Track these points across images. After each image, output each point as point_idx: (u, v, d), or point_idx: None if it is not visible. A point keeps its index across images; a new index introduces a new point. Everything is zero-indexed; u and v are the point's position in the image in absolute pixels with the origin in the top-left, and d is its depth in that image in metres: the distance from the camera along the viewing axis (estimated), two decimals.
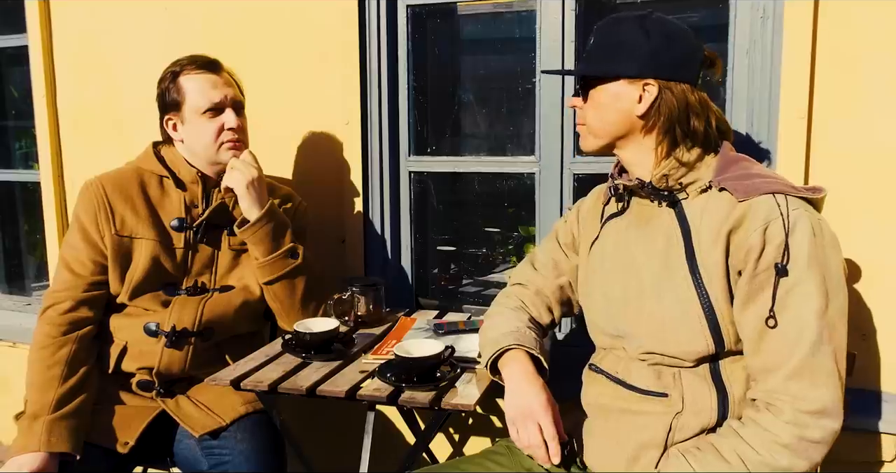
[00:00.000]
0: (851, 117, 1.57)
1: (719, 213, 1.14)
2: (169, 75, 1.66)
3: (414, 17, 2.04)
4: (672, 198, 1.20)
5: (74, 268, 1.61)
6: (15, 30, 2.61)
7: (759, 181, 1.13)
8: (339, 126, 2.06)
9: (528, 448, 1.21)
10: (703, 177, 1.19)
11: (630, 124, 1.22)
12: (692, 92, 1.19)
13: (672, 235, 1.19)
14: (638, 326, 1.20)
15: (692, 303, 1.14)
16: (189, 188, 1.69)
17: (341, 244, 2.11)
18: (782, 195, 1.10)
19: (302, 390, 1.40)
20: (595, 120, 1.25)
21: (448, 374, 1.42)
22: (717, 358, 1.16)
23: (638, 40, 1.19)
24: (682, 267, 1.16)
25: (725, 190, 1.15)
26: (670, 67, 1.19)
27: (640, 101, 1.19)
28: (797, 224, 1.07)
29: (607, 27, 1.25)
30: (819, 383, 1.04)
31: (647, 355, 1.19)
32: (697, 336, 1.13)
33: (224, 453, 1.53)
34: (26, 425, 1.48)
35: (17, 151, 2.93)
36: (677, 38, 1.20)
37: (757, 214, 1.09)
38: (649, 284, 1.20)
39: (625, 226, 1.29)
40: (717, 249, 1.12)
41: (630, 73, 1.19)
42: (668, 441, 1.17)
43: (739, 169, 1.17)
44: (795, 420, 1.03)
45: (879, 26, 1.52)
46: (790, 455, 1.03)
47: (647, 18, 1.21)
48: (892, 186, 1.55)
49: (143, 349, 1.63)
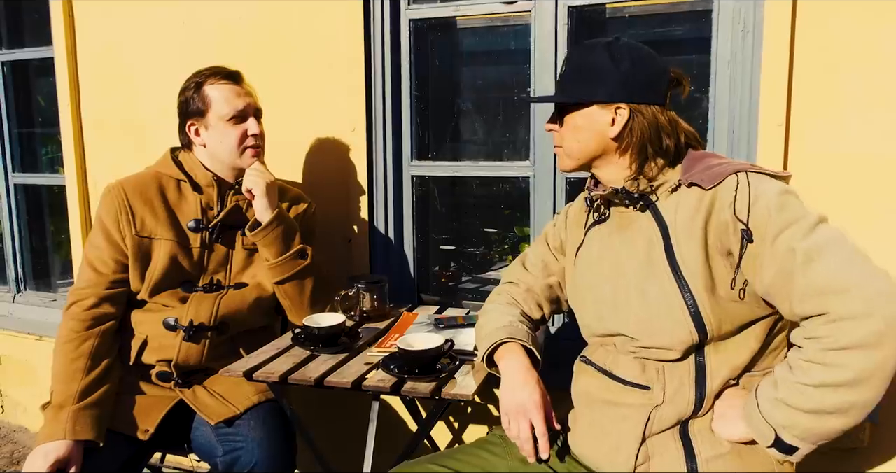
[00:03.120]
0: (827, 124, 1.57)
1: (691, 207, 1.14)
2: (193, 85, 1.66)
3: (416, 30, 2.04)
4: (645, 200, 1.20)
5: (97, 267, 1.62)
6: (42, 43, 2.62)
7: (724, 167, 1.14)
8: (345, 132, 2.06)
9: (518, 441, 1.21)
10: (671, 179, 1.20)
11: (604, 145, 1.22)
12: (662, 112, 1.19)
13: (652, 236, 1.19)
14: (627, 323, 1.20)
15: (675, 296, 1.13)
16: (205, 191, 1.70)
17: (348, 243, 2.11)
18: (744, 172, 1.11)
19: (311, 381, 1.40)
20: (571, 142, 1.24)
21: (448, 366, 1.42)
22: (702, 346, 1.15)
23: (607, 66, 1.18)
24: (664, 264, 1.15)
25: (695, 184, 1.15)
26: (639, 91, 1.18)
27: (613, 124, 1.19)
28: (760, 186, 1.08)
29: (578, 55, 1.25)
30: (869, 272, 0.99)
31: (636, 348, 1.19)
32: (681, 325, 1.13)
33: (238, 439, 1.53)
34: (52, 414, 1.48)
35: (44, 156, 2.93)
36: (644, 62, 1.20)
37: (724, 194, 1.10)
38: (634, 283, 1.20)
39: (608, 232, 1.29)
40: (693, 242, 1.12)
41: (601, 98, 1.19)
42: (647, 431, 1.17)
43: (704, 164, 1.17)
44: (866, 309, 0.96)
45: (853, 40, 1.52)
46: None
47: (614, 45, 1.20)
48: (865, 189, 1.55)
49: (162, 342, 1.63)
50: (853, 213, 1.56)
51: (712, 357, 1.15)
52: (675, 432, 1.17)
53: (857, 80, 1.53)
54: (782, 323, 1.18)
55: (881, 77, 1.51)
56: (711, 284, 1.11)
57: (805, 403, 1.01)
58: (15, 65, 2.81)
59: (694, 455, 1.14)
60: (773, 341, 1.18)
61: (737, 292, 1.11)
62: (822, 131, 1.57)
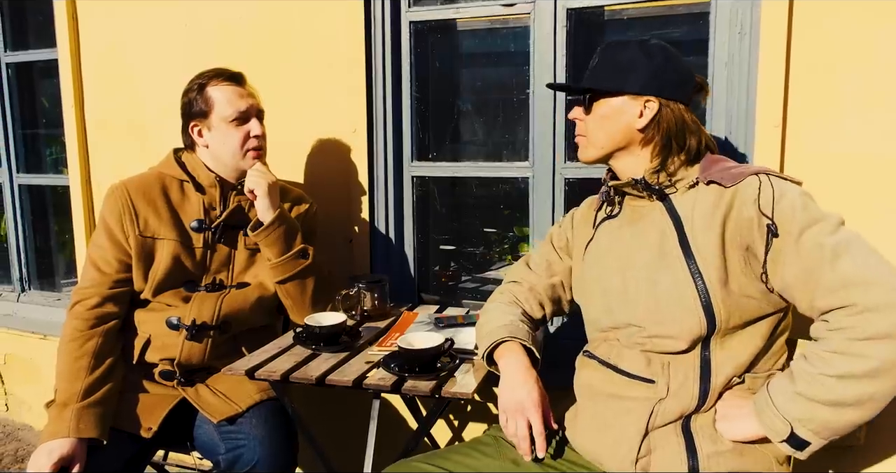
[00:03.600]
0: (823, 125, 1.57)
1: (710, 202, 1.16)
2: (196, 86, 1.66)
3: (416, 32, 2.04)
4: (662, 192, 1.22)
5: (101, 267, 1.61)
6: (46, 45, 2.62)
7: (742, 168, 1.17)
8: (346, 133, 2.06)
9: (515, 439, 1.21)
10: (690, 176, 1.22)
11: (630, 136, 1.23)
12: (687, 111, 1.23)
13: (665, 228, 1.20)
14: (636, 312, 1.20)
15: (687, 284, 1.14)
16: (208, 191, 1.69)
17: (349, 243, 2.11)
18: (765, 174, 1.13)
19: (312, 379, 1.40)
20: (597, 131, 1.26)
21: (448, 365, 1.42)
22: (708, 339, 1.15)
23: (641, 61, 1.21)
24: (678, 253, 1.16)
25: (714, 182, 1.17)
26: (669, 87, 1.21)
27: (641, 116, 1.22)
28: (783, 186, 1.11)
29: (611, 49, 1.27)
30: (891, 268, 1.02)
31: (643, 339, 1.19)
32: (692, 314, 1.13)
33: (240, 437, 1.53)
34: (56, 413, 1.48)
35: (48, 157, 2.93)
36: (676, 60, 1.23)
37: (746, 192, 1.12)
38: (645, 273, 1.20)
39: (618, 226, 1.30)
40: (712, 233, 1.13)
41: (634, 90, 1.21)
42: (650, 425, 1.17)
43: (722, 166, 1.20)
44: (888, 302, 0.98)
45: (849, 42, 1.52)
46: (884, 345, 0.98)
47: (647, 43, 1.24)
48: (860, 189, 1.55)
49: (165, 341, 1.63)
50: (850, 213, 1.54)
51: (717, 352, 1.16)
52: (677, 426, 1.17)
53: (853, 81, 1.53)
54: (784, 324, 1.19)
55: (877, 78, 1.51)
56: (725, 276, 1.12)
57: (825, 394, 1.02)
58: (19, 66, 2.80)
59: (695, 450, 1.14)
60: (776, 344, 1.20)
61: (763, 286, 1.12)
62: (819, 132, 1.57)
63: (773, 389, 1.09)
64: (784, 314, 1.18)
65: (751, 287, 1.12)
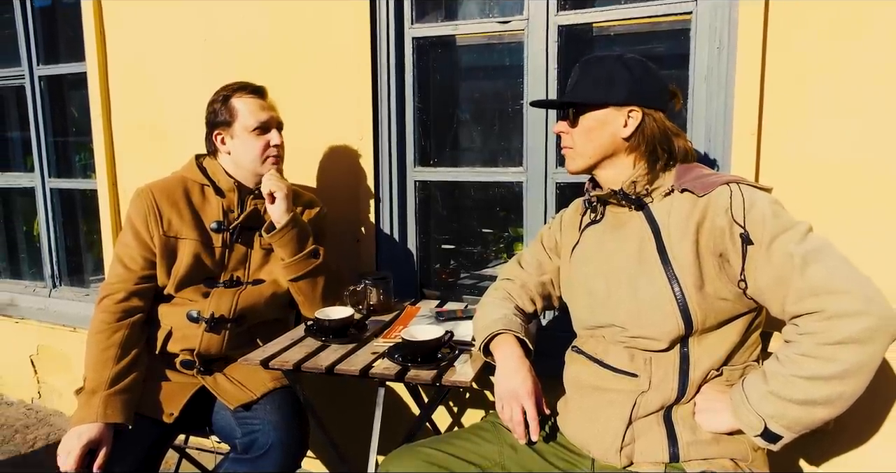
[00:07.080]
0: (796, 133, 1.57)
1: (684, 210, 1.15)
2: (221, 97, 1.66)
3: (418, 47, 2.04)
4: (640, 202, 1.21)
5: (127, 264, 1.62)
6: (75, 59, 2.63)
7: (714, 178, 1.16)
8: (354, 140, 2.07)
9: (510, 424, 1.21)
10: (665, 184, 1.21)
11: (616, 145, 1.23)
12: (667, 118, 1.22)
13: (644, 236, 1.19)
14: (618, 315, 1.20)
15: (665, 290, 1.14)
16: (227, 195, 1.70)
17: (356, 243, 2.11)
18: (735, 183, 1.13)
19: (322, 369, 1.41)
20: (585, 143, 1.24)
21: (448, 355, 1.42)
22: (687, 338, 1.15)
23: (622, 73, 1.20)
24: (655, 260, 1.16)
25: (687, 190, 1.16)
26: (650, 97, 1.21)
27: (626, 126, 1.21)
28: (753, 195, 1.10)
29: (590, 64, 1.25)
30: (858, 277, 1.00)
31: (626, 338, 1.20)
32: (670, 318, 1.13)
33: (255, 423, 1.54)
34: (85, 399, 1.49)
35: (78, 163, 2.94)
36: (653, 72, 1.23)
37: (718, 201, 1.11)
38: (626, 278, 1.20)
39: (602, 231, 1.30)
40: (686, 241, 1.12)
41: (618, 101, 1.20)
42: (633, 415, 1.18)
43: (695, 174, 1.19)
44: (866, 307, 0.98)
45: (820, 56, 1.52)
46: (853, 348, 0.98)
47: (624, 57, 1.23)
48: (831, 194, 1.55)
49: (186, 333, 1.64)
50: (822, 218, 1.56)
51: (696, 348, 1.16)
52: (659, 416, 1.17)
53: (824, 92, 1.53)
54: (758, 321, 1.19)
55: (846, 88, 1.51)
56: (700, 281, 1.12)
57: (797, 394, 1.01)
58: (51, 79, 2.81)
59: (676, 439, 1.15)
60: (750, 338, 1.19)
61: (737, 289, 1.10)
62: (792, 139, 1.57)
63: (749, 387, 1.08)
64: (757, 312, 1.18)
65: (725, 290, 1.12)
